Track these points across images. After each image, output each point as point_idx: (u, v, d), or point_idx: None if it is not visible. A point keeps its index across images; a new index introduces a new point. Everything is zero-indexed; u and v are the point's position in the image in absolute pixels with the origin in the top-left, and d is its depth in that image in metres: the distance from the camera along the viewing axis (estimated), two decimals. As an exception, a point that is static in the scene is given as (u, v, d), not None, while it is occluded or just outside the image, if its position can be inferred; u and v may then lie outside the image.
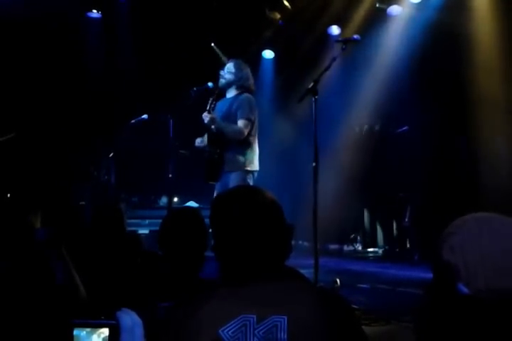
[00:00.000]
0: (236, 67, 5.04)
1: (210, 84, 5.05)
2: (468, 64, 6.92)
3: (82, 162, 7.02)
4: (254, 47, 8.60)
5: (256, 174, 4.94)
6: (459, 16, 6.83)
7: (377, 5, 7.52)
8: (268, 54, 8.82)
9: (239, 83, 4.99)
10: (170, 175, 5.21)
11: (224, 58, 7.84)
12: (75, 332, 1.02)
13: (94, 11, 7.83)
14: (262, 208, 1.58)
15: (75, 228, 3.49)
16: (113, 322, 1.00)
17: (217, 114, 4.99)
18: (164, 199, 8.07)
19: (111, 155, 5.88)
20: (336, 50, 4.52)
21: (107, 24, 7.85)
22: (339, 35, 7.83)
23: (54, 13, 6.92)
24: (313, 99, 4.29)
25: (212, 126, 4.82)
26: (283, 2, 7.90)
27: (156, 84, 7.72)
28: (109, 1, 7.66)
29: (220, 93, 5.06)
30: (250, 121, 4.86)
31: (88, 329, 1.02)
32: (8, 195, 5.40)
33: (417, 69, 7.41)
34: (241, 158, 4.86)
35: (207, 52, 8.16)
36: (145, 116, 5.71)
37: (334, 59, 4.42)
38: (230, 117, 4.90)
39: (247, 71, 5.08)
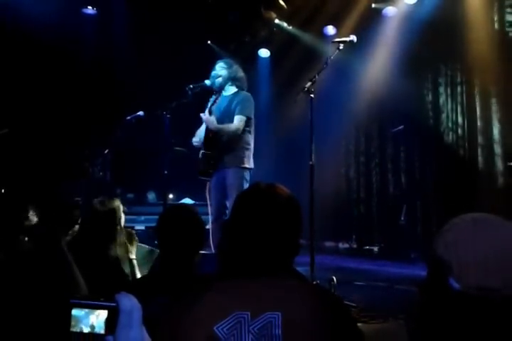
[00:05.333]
0: (226, 63, 5.13)
1: (207, 81, 5.08)
2: (463, 63, 6.96)
3: (77, 158, 7.00)
4: (250, 46, 8.60)
5: (251, 172, 4.98)
6: (454, 17, 6.86)
7: (373, 5, 7.54)
8: (264, 53, 8.83)
9: (233, 77, 5.04)
10: (166, 172, 5.21)
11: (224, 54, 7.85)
12: (73, 312, 1.01)
13: (90, 7, 7.85)
14: (282, 204, 1.59)
15: (69, 223, 3.48)
16: (113, 304, 0.99)
17: (216, 111, 5.05)
18: (151, 196, 8.06)
19: (106, 151, 5.87)
20: (332, 50, 4.53)
21: (102, 20, 7.84)
22: (335, 35, 7.84)
23: (49, 9, 6.90)
24: (310, 98, 4.32)
25: (210, 126, 4.88)
26: (279, 1, 7.91)
27: (152, 81, 7.71)
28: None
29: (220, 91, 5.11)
30: (247, 118, 4.93)
31: (86, 310, 1.01)
32: (3, 191, 5.39)
33: (412, 69, 7.44)
34: (238, 155, 4.92)
35: (203, 49, 8.16)
36: (141, 112, 5.69)
37: (330, 59, 4.45)
38: (230, 114, 4.95)
39: (237, 66, 5.16)
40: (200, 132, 5.10)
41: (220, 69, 5.08)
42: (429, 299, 1.11)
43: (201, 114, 4.92)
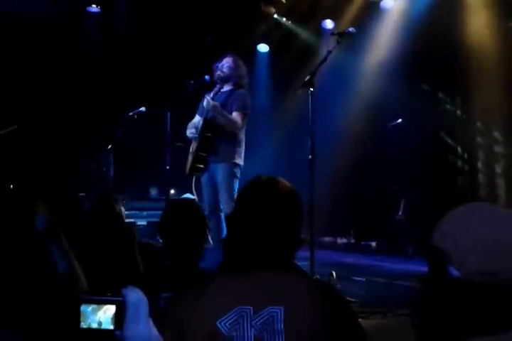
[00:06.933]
0: (235, 63, 5.09)
1: (207, 77, 5.10)
2: (461, 56, 6.97)
3: (80, 154, 7.03)
4: (249, 41, 8.59)
5: (241, 169, 5.03)
6: (451, 9, 6.86)
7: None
8: (263, 48, 8.82)
9: (236, 79, 5.05)
10: (168, 167, 5.25)
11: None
12: (82, 307, 1.04)
13: (94, 5, 7.82)
14: (283, 197, 1.60)
15: (74, 218, 3.50)
16: (120, 298, 1.02)
17: None
18: (154, 192, 8.07)
19: (109, 147, 5.89)
20: (332, 43, 4.54)
21: (106, 18, 7.83)
22: (333, 29, 7.84)
23: (53, 7, 6.90)
24: (310, 91, 4.33)
25: (211, 113, 4.89)
26: (278, -4, 7.91)
27: (154, 77, 7.71)
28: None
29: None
30: (245, 115, 4.96)
31: (95, 306, 1.03)
32: (11, 187, 5.42)
33: (410, 61, 7.45)
34: (231, 150, 4.96)
35: (204, 45, 8.15)
36: (143, 108, 5.71)
37: (330, 52, 4.45)
38: (225, 110, 4.96)
39: (244, 68, 5.16)
40: (194, 123, 5.12)
41: (225, 67, 5.09)
42: (431, 290, 1.11)
43: (207, 98, 4.91)
